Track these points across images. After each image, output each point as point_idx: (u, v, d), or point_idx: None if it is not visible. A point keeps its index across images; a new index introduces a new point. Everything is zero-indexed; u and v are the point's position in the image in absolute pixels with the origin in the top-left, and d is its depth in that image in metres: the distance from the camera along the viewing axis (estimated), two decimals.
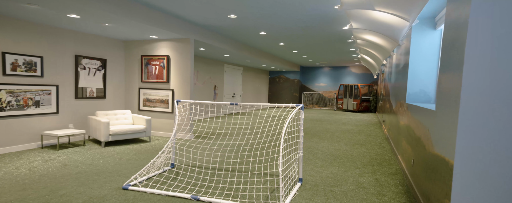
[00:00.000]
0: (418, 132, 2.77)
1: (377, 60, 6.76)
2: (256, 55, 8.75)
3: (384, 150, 4.87)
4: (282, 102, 14.84)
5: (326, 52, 9.25)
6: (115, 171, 3.27)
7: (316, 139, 5.79)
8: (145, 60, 5.65)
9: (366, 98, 12.77)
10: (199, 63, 8.69)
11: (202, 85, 8.91)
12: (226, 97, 10.63)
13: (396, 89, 4.93)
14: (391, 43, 4.27)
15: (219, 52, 7.51)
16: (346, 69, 14.28)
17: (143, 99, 5.76)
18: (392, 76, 5.77)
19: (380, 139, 5.95)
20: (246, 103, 3.14)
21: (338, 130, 7.14)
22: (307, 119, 9.44)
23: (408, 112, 3.44)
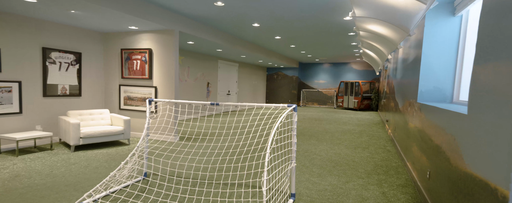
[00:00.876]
0: (437, 139, 2.25)
1: (381, 55, 6.23)
2: (251, 50, 8.21)
3: (389, 154, 4.35)
4: (280, 100, 14.32)
5: (326, 47, 8.71)
6: (74, 183, 2.76)
7: (314, 141, 5.28)
8: (125, 54, 5.12)
9: (367, 96, 12.24)
10: (190, 59, 8.15)
11: (193, 82, 8.38)
12: (221, 94, 10.10)
13: (404, 87, 4.40)
14: (399, 34, 3.74)
15: (210, 46, 6.97)
16: (347, 65, 13.74)
17: (124, 97, 5.23)
18: (398, 72, 5.25)
19: (384, 141, 5.44)
20: (229, 103, 2.62)
21: (338, 130, 6.63)
22: (305, 118, 8.92)
23: (421, 114, 2.92)
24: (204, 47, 7.15)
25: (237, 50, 7.63)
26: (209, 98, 9.33)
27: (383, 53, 5.67)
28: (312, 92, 14.46)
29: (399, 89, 4.95)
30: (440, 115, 2.22)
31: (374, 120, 8.75)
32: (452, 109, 2.02)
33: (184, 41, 6.25)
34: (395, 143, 4.92)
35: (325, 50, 9.34)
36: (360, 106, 12.10)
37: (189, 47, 7.18)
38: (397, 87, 5.37)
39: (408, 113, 3.78)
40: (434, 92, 3.11)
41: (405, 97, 4.15)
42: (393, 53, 6.43)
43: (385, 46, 5.11)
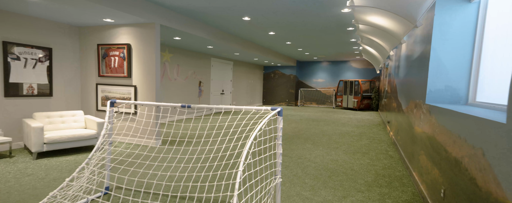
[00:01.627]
0: (455, 151, 1.81)
1: (382, 52, 5.78)
2: (244, 46, 7.76)
3: (392, 161, 3.91)
4: (278, 99, 13.87)
5: (323, 44, 8.26)
6: (19, 201, 2.31)
7: (310, 145, 4.84)
8: (102, 50, 4.67)
9: (367, 95, 11.80)
10: (180, 56, 7.70)
11: (184, 81, 7.93)
12: (214, 94, 9.65)
13: (408, 86, 3.96)
14: (403, 26, 3.30)
15: (199, 42, 6.52)
16: (346, 63, 13.29)
17: (102, 97, 4.79)
18: (401, 70, 4.80)
19: (386, 145, 5.00)
20: (202, 106, 2.19)
21: (336, 132, 6.18)
22: (302, 119, 8.48)
23: (431, 117, 2.47)
24: (194, 43, 6.70)
25: (230, 46, 7.18)
26: (201, 98, 8.89)
27: (385, 50, 5.23)
28: (311, 91, 14.02)
29: (403, 88, 4.51)
30: (460, 121, 1.77)
31: (374, 121, 8.31)
32: (475, 114, 1.57)
33: (170, 37, 5.80)
34: (398, 148, 4.48)
35: (323, 47, 8.89)
36: (359, 106, 11.66)
37: (177, 43, 6.73)
38: (400, 86, 4.92)
39: (413, 115, 3.34)
40: (446, 92, 2.66)
41: (410, 97, 3.71)
42: (395, 49, 5.98)
43: (387, 41, 4.66)
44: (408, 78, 4.01)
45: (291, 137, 5.49)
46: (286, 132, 6.07)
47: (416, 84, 3.31)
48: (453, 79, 2.62)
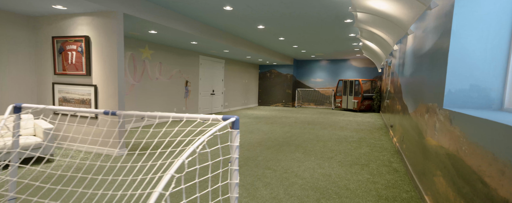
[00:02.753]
0: (507, 189, 1.14)
1: (385, 47, 5.10)
2: (234, 43, 7.09)
3: (397, 176, 3.23)
4: (274, 100, 13.20)
5: (320, 40, 7.58)
6: None
7: (300, 154, 4.16)
8: (58, 43, 4.01)
9: (368, 96, 11.11)
10: (162, 53, 7.04)
11: (167, 80, 7.27)
12: (203, 94, 8.99)
13: (416, 85, 3.28)
14: (411, 9, 2.63)
15: (181, 37, 5.85)
16: (346, 62, 12.60)
17: (59, 99, 4.13)
18: (407, 67, 4.12)
19: (389, 154, 4.31)
20: (131, 113, 1.53)
21: (332, 138, 5.50)
22: (297, 122, 7.80)
23: (454, 129, 1.80)
24: (176, 39, 6.04)
25: (217, 43, 6.52)
26: (188, 99, 8.22)
27: (387, 44, 4.55)
28: (308, 92, 13.33)
29: (409, 88, 3.82)
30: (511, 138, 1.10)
31: (376, 124, 7.62)
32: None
33: (145, 30, 5.14)
34: (403, 158, 3.80)
35: (320, 44, 8.20)
36: (360, 107, 10.96)
37: (158, 39, 6.07)
38: (405, 86, 4.24)
39: (424, 121, 2.66)
40: (471, 93, 1.99)
41: (419, 99, 3.03)
42: (399, 44, 5.30)
43: (391, 33, 3.99)
44: (416, 77, 3.33)
45: (281, 144, 4.81)
46: (276, 138, 5.39)
47: (428, 83, 2.63)
48: (482, 76, 1.94)
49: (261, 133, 5.84)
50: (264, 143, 4.88)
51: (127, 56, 5.92)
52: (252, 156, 3.99)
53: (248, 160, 3.81)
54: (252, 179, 3.04)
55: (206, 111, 9.23)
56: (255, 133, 5.84)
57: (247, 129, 6.31)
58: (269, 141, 5.06)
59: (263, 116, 9.08)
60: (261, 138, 5.30)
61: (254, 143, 4.90)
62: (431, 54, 2.57)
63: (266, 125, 6.99)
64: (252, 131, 6.14)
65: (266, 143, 4.92)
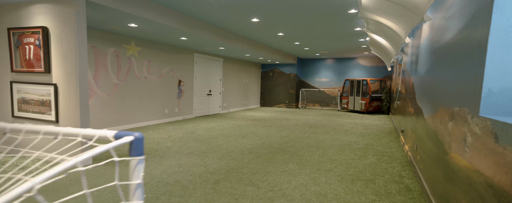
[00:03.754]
0: None
1: (394, 40, 4.43)
2: (229, 39, 6.52)
3: (410, 198, 2.58)
4: (276, 101, 12.57)
5: (322, 36, 6.94)
6: None
7: (294, 165, 3.55)
8: (14, 36, 3.51)
9: (377, 96, 10.37)
10: (151, 50, 6.52)
11: (157, 79, 6.75)
12: (199, 95, 8.45)
13: (434, 85, 2.63)
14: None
15: (168, 32, 5.31)
16: (353, 61, 11.88)
17: (18, 100, 3.63)
18: (422, 64, 3.46)
19: (400, 165, 3.65)
20: None
21: (334, 144, 4.86)
22: (298, 125, 7.17)
23: (506, 150, 1.17)
24: (163, 33, 5.50)
25: (209, 39, 5.95)
26: (182, 99, 7.69)
27: (397, 36, 3.89)
28: (313, 92, 12.66)
29: (424, 88, 3.17)
30: None
31: (385, 128, 6.92)
32: None
33: (123, 23, 4.62)
34: (417, 172, 3.14)
35: (323, 40, 7.55)
36: (368, 109, 10.24)
37: (144, 34, 5.55)
38: (419, 86, 3.57)
39: (447, 132, 2.02)
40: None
41: (438, 101, 2.39)
42: (411, 38, 4.63)
43: (402, 21, 3.33)
44: (434, 74, 2.68)
45: (274, 152, 4.21)
46: (271, 144, 4.79)
47: (452, 81, 1.99)
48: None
49: (255, 138, 5.24)
50: (255, 150, 4.28)
51: (109, 53, 5.42)
52: (237, 167, 3.39)
53: (230, 172, 3.22)
54: (226, 200, 2.44)
55: (202, 112, 8.68)
56: (249, 138, 5.24)
57: (241, 133, 5.72)
58: (262, 148, 4.46)
59: (262, 118, 8.48)
60: (254, 144, 4.70)
61: (244, 150, 4.31)
62: (457, 43, 1.92)
63: (263, 129, 6.39)
64: (246, 135, 5.54)
65: (258, 150, 4.32)
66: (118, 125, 5.71)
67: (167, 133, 5.53)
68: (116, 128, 5.66)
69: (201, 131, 5.87)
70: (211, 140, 4.98)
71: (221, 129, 6.25)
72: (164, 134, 5.47)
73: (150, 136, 5.24)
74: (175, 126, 6.44)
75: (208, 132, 5.77)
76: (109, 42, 5.41)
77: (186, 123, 7.04)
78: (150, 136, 5.19)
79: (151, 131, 5.76)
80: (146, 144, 4.57)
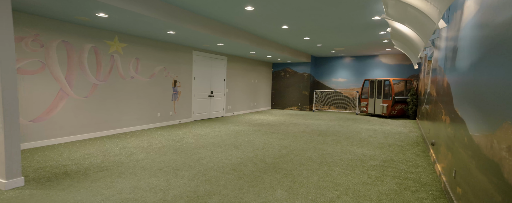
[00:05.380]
0: None
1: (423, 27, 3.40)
2: (228, 34, 5.72)
3: None
4: (289, 103, 11.62)
5: (335, 29, 5.95)
6: None
7: (282, 191, 2.66)
8: None
9: (401, 99, 9.15)
10: (139, 46, 5.86)
11: (147, 80, 6.08)
12: (198, 96, 7.72)
13: (490, 87, 1.65)
14: None
15: (154, 25, 4.60)
16: (374, 59, 10.69)
17: None
18: (464, 57, 2.45)
19: (430, 198, 2.65)
20: None
21: (343, 159, 3.90)
22: (305, 131, 6.22)
23: None
24: (141, 26, 4.81)
25: (203, 34, 5.19)
26: (178, 102, 6.99)
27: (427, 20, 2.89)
28: (329, 93, 11.58)
29: (469, 91, 2.16)
30: None
31: (410, 137, 5.81)
32: None
33: (91, 12, 3.95)
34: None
35: (336, 34, 6.56)
36: (391, 113, 9.04)
37: (129, 28, 4.88)
38: (459, 88, 2.56)
39: None
40: None
41: (499, 113, 1.42)
42: (446, 26, 3.57)
43: None
44: (485, 71, 1.70)
45: (265, 169, 3.34)
46: (264, 158, 3.92)
47: None
48: None
49: (249, 149, 4.39)
50: (241, 167, 3.43)
51: (85, 49, 4.79)
52: (206, 194, 2.57)
53: (193, 202, 2.40)
54: None
55: (203, 115, 7.95)
56: (241, 149, 4.40)
57: (234, 142, 4.89)
58: (251, 163, 3.60)
59: (268, 122, 7.60)
60: (243, 158, 3.86)
61: (227, 166, 3.47)
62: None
63: (263, 136, 5.52)
64: (239, 145, 4.71)
65: (245, 166, 3.47)
66: (96, 131, 5.08)
67: (149, 141, 4.82)
68: (94, 135, 5.02)
69: (190, 139, 5.11)
70: (195, 151, 4.19)
71: (214, 136, 5.45)
72: (145, 142, 4.76)
73: (128, 144, 4.55)
74: (165, 132, 5.73)
75: (197, 140, 4.99)
76: (86, 37, 4.78)
77: (180, 128, 6.32)
78: (126, 145, 4.49)
79: (134, 138, 5.08)
80: (116, 155, 3.86)
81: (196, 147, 4.48)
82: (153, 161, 3.61)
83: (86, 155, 3.84)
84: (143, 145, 4.54)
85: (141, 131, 5.75)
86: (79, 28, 4.67)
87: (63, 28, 4.45)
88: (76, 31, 4.62)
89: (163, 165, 3.45)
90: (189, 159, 3.77)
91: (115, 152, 4.01)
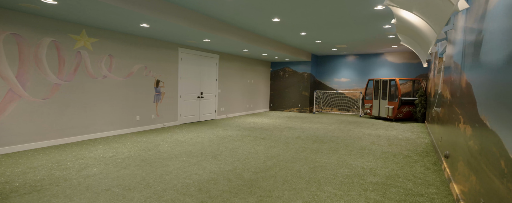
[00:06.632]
0: None
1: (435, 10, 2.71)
2: (207, 27, 5.09)
3: None
4: (288, 104, 10.93)
5: (334, 22, 5.27)
6: None
7: None
8: None
9: (408, 100, 8.39)
10: (111, 42, 5.26)
11: (123, 79, 5.48)
12: (186, 97, 7.11)
13: None
14: None
15: (123, 16, 4.00)
16: (379, 57, 9.95)
17: None
18: (496, 49, 1.76)
19: None
20: None
21: (338, 175, 3.22)
22: (300, 137, 5.55)
23: None
24: (103, 17, 4.20)
25: (184, 28, 4.57)
26: (161, 103, 6.39)
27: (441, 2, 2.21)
28: (330, 94, 10.86)
29: (508, 94, 1.48)
30: None
31: (418, 143, 5.09)
32: None
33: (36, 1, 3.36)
34: None
35: (335, 29, 5.87)
36: (397, 115, 8.30)
37: (95, 21, 4.29)
38: (489, 89, 1.86)
39: None
40: None
41: None
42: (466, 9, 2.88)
43: None
44: None
45: (238, 190, 2.68)
46: (242, 172, 3.27)
47: None
48: None
49: (228, 160, 3.75)
50: (210, 187, 2.79)
51: (43, 44, 4.21)
52: None
53: None
54: None
55: (191, 118, 7.33)
56: (219, 160, 3.76)
57: (214, 151, 4.25)
58: (224, 180, 2.96)
59: (262, 126, 6.95)
60: (217, 172, 3.21)
61: (193, 185, 2.83)
62: None
63: (251, 143, 4.87)
64: (219, 154, 4.07)
65: (216, 185, 2.82)
66: (59, 138, 4.49)
67: (116, 150, 4.21)
68: (56, 142, 4.44)
69: (166, 146, 4.49)
70: (163, 163, 3.56)
71: (195, 142, 4.82)
72: (112, 150, 4.15)
73: (89, 154, 3.94)
74: (141, 138, 5.12)
75: (173, 148, 4.37)
76: (43, 29, 4.20)
77: (161, 133, 5.70)
78: (87, 155, 3.89)
79: (102, 146, 4.47)
80: (65, 169, 3.26)
81: (168, 157, 3.86)
82: (105, 177, 2.99)
83: (29, 169, 3.24)
84: (107, 154, 3.93)
85: (114, 137, 5.15)
86: (33, 19, 4.08)
87: (13, 19, 3.86)
88: (29, 22, 4.03)
89: (115, 183, 2.83)
90: (151, 174, 3.15)
91: (66, 165, 3.41)
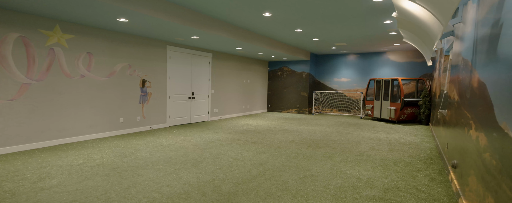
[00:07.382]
0: None
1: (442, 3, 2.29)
2: (194, 22, 4.71)
3: None
4: (286, 105, 10.53)
5: (330, 17, 4.86)
6: None
7: None
8: None
9: (412, 101, 7.95)
10: (90, 39, 4.90)
11: (105, 79, 5.12)
12: (176, 98, 6.74)
13: None
14: None
15: (85, 6, 3.63)
16: (381, 56, 9.51)
17: None
18: None
19: None
20: None
21: (330, 187, 2.82)
22: (295, 141, 5.14)
23: None
24: (82, 10, 3.85)
25: (162, 21, 4.20)
26: (147, 105, 6.02)
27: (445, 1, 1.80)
28: (330, 95, 10.44)
29: None
30: None
31: (421, 148, 4.66)
32: None
33: None
34: None
35: (332, 24, 5.46)
36: (399, 117, 7.86)
37: (69, 15, 3.94)
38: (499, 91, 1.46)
39: None
40: None
41: None
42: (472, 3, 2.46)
43: None
44: None
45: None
46: (221, 183, 2.89)
47: None
48: None
49: (210, 168, 3.36)
50: (181, 202, 2.40)
51: (8, 40, 3.85)
52: None
53: None
54: None
55: (181, 120, 6.96)
56: (199, 168, 3.38)
57: (196, 158, 3.86)
58: (198, 195, 2.57)
59: (255, 128, 6.55)
60: (193, 184, 2.83)
61: (161, 200, 2.44)
62: None
63: (239, 148, 4.48)
64: (201, 161, 3.68)
65: (187, 200, 2.44)
66: (28, 143, 4.14)
67: (89, 156, 3.84)
68: (22, 147, 4.08)
69: (146, 152, 4.11)
70: (135, 173, 3.18)
71: (178, 148, 4.44)
72: (83, 157, 3.78)
73: (56, 162, 3.57)
74: (121, 142, 4.75)
75: (153, 154, 3.99)
76: (7, 24, 3.84)
77: (145, 136, 5.34)
78: (52, 163, 3.52)
79: (74, 151, 4.11)
80: (19, 180, 2.89)
81: (143, 165, 3.48)
82: (61, 191, 2.62)
83: None
84: (76, 162, 3.56)
85: (93, 141, 4.78)
86: (9, 13, 3.73)
87: None
88: None
89: (70, 199, 2.45)
90: (117, 186, 2.77)
91: (24, 175, 3.04)
